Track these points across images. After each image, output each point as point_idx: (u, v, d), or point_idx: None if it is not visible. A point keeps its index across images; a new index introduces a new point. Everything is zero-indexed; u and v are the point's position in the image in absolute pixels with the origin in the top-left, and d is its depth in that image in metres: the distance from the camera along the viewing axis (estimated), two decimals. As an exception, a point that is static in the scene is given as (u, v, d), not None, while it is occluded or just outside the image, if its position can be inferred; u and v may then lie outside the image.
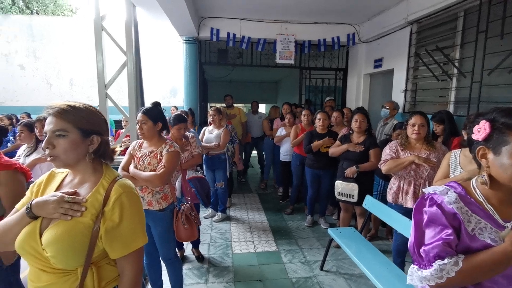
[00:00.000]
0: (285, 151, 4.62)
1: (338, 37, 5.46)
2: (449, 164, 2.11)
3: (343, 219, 3.40)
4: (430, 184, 2.38)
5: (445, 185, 0.97)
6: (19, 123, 3.06)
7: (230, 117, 5.32)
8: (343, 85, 6.18)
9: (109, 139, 1.15)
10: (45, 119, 1.02)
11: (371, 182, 3.27)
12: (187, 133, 3.13)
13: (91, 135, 1.04)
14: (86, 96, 7.26)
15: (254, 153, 6.53)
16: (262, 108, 14.34)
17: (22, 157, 2.79)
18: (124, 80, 3.84)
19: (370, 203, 2.83)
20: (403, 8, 4.21)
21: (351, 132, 3.30)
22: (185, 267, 2.96)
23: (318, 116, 3.73)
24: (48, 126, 0.99)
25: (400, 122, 3.50)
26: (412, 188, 2.45)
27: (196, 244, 3.18)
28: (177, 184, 2.84)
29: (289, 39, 5.37)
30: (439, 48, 3.72)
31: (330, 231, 2.90)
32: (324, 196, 3.91)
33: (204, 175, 3.07)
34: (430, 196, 0.95)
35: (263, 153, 6.08)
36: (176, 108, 6.27)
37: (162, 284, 2.39)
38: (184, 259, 3.11)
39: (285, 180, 4.89)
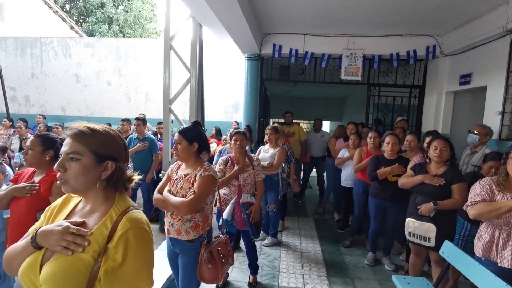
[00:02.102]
0: (347, 176, 4.17)
1: (414, 51, 4.88)
2: None
3: (413, 265, 2.84)
4: (541, 240, 1.78)
5: None
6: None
7: (288, 135, 5.10)
8: (418, 104, 5.47)
9: (129, 165, 1.05)
10: None
11: (452, 224, 2.66)
12: (252, 155, 3.00)
13: (105, 161, 0.95)
14: (158, 109, 7.85)
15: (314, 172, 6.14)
16: (326, 125, 13.79)
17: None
18: (189, 94, 4.01)
19: (450, 251, 2.28)
20: (500, 15, 3.50)
21: (427, 160, 2.76)
22: (227, 295, 2.79)
23: (387, 139, 3.26)
24: (64, 148, 0.93)
25: (494, 152, 2.80)
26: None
27: (255, 270, 2.97)
28: (229, 205, 2.71)
29: (356, 54, 4.98)
30: (553, 61, 2.96)
31: (396, 279, 2.41)
32: (390, 232, 3.37)
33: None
34: None
35: (324, 174, 5.66)
36: (237, 123, 6.32)
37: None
38: (227, 284, 2.94)
39: (346, 207, 4.42)
